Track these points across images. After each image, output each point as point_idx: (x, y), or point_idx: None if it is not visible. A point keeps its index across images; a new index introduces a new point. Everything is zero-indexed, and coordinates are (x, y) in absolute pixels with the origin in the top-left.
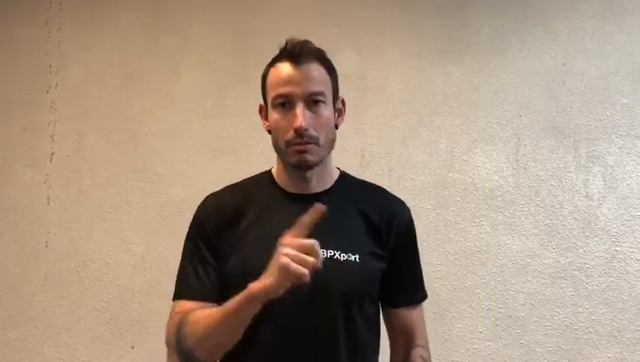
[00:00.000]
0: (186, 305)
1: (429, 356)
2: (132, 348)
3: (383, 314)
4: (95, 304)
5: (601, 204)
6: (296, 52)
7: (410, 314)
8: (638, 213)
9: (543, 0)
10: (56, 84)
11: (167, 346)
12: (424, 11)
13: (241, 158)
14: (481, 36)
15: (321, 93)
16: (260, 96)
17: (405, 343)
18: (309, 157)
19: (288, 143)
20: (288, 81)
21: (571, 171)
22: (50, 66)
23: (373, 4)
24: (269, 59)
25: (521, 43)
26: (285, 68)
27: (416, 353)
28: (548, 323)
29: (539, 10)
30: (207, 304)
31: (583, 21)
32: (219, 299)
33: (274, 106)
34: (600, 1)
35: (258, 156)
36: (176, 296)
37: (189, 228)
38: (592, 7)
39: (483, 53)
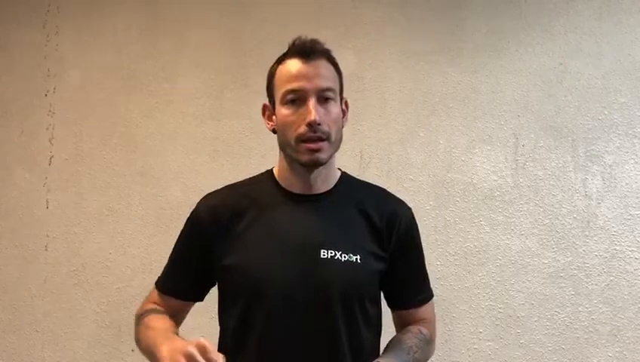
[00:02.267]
0: (158, 297)
1: (432, 337)
2: (132, 351)
3: (392, 315)
4: (95, 307)
5: (600, 203)
6: (307, 49)
7: (418, 314)
8: (637, 212)
9: (540, 0)
10: (55, 88)
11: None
12: (421, 11)
13: (240, 160)
14: (479, 36)
15: (332, 90)
16: (261, 98)
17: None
18: (322, 156)
19: (299, 138)
20: (300, 77)
21: (570, 171)
22: (48, 70)
23: (371, 5)
24: (267, 61)
25: (519, 43)
26: (296, 64)
27: (417, 326)
28: (548, 323)
29: (536, 9)
30: (176, 300)
31: (580, 20)
32: (200, 294)
33: (284, 102)
34: (597, 1)
35: (257, 158)
36: (155, 284)
37: (184, 225)
38: (589, 6)
39: (480, 53)
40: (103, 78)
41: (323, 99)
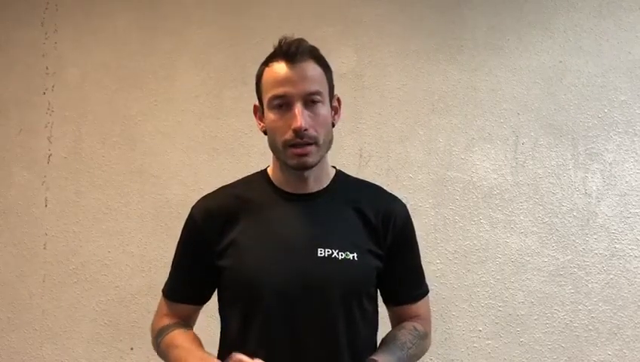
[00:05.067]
0: (167, 306)
1: (427, 334)
2: (131, 349)
3: (388, 311)
4: (94, 305)
5: (599, 201)
6: (292, 51)
7: (413, 310)
8: (636, 210)
9: None
10: (53, 86)
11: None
12: (421, 9)
13: (239, 159)
14: (479, 34)
15: (319, 93)
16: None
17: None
18: (309, 160)
19: (286, 144)
20: (285, 82)
21: (570, 169)
22: (46, 68)
23: (370, 3)
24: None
25: (518, 41)
26: (281, 68)
27: (411, 323)
28: (548, 321)
29: (536, 7)
30: (185, 306)
31: (580, 18)
32: (204, 298)
33: (270, 107)
34: None
35: (256, 156)
36: (163, 293)
37: (181, 230)
38: (589, 4)
39: (480, 51)
40: (102, 76)
41: (310, 102)
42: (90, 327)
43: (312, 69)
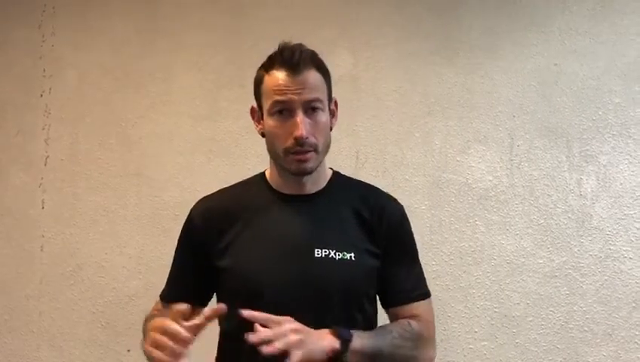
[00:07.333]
0: (160, 306)
1: (424, 336)
2: (128, 351)
3: (387, 316)
4: (91, 307)
5: (594, 203)
6: (295, 60)
7: (411, 310)
8: (631, 212)
9: (535, 0)
10: (50, 88)
11: None
12: (417, 12)
13: (236, 161)
14: (474, 37)
15: (319, 100)
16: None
17: None
18: (309, 165)
19: (287, 151)
20: (287, 90)
21: (565, 171)
22: (44, 70)
23: (366, 6)
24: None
25: (514, 43)
26: (283, 75)
27: (407, 319)
28: (543, 322)
29: (531, 10)
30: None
31: (575, 21)
32: (202, 298)
33: (271, 113)
34: (592, 2)
35: (253, 158)
36: (160, 295)
37: (180, 231)
38: (583, 7)
39: (476, 53)
40: (99, 78)
41: (310, 109)
42: (87, 329)
43: (313, 76)
